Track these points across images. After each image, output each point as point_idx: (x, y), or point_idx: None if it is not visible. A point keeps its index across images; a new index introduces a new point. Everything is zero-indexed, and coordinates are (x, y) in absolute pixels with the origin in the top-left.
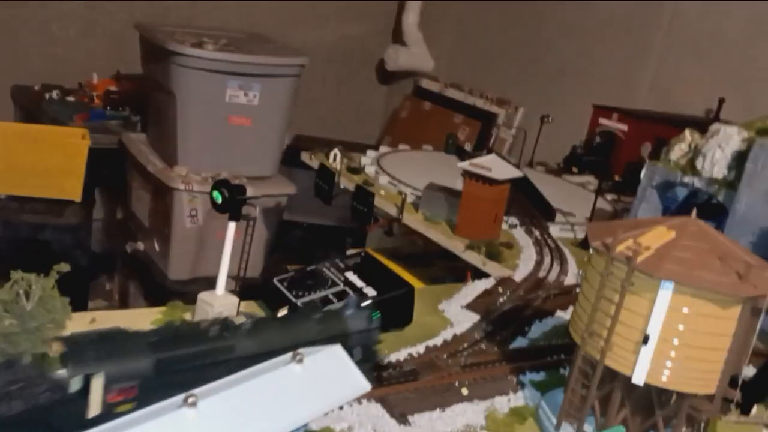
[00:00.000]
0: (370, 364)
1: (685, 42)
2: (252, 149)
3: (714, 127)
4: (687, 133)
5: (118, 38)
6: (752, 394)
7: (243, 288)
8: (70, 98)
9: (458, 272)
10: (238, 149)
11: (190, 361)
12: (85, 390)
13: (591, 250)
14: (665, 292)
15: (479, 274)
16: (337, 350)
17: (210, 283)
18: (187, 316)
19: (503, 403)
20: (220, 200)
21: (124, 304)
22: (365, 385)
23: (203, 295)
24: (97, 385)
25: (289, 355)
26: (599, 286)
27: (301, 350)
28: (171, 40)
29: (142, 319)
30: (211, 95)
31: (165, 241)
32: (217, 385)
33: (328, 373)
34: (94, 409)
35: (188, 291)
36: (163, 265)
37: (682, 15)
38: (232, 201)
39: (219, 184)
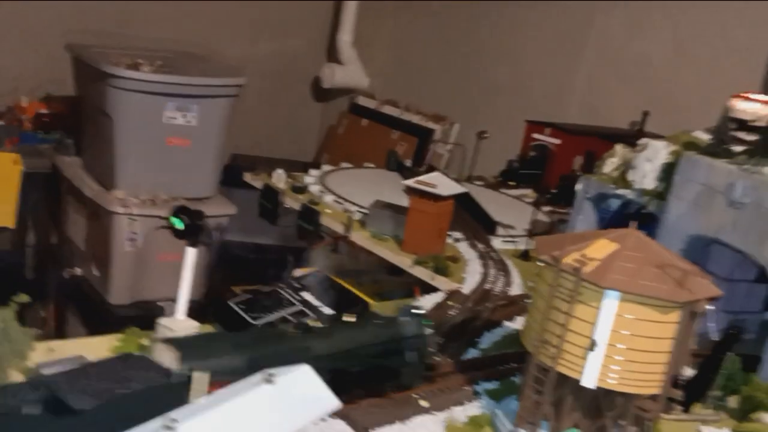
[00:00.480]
0: (421, 366)
1: (611, 61)
2: (191, 170)
3: (643, 141)
4: (618, 147)
5: (46, 59)
6: (693, 393)
7: (192, 311)
8: None
9: (404, 287)
10: (177, 170)
11: (275, 359)
12: (188, 381)
13: (539, 263)
14: (611, 301)
15: (427, 289)
16: (305, 369)
17: (151, 307)
18: (145, 342)
19: (461, 413)
20: (181, 226)
21: (60, 331)
22: (335, 403)
23: (163, 321)
24: (202, 378)
25: (260, 375)
26: (549, 297)
27: (272, 370)
28: (106, 62)
29: (101, 347)
30: (149, 117)
31: (104, 266)
32: (195, 407)
33: (298, 392)
34: (195, 397)
35: (130, 315)
36: (102, 290)
37: (609, 36)
38: (192, 227)
39: (179, 211)
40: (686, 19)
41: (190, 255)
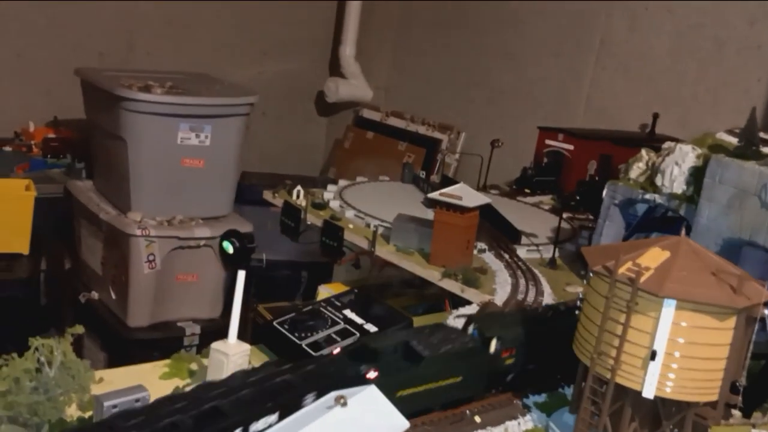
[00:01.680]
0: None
1: (616, 61)
2: (206, 190)
3: (667, 144)
4: (643, 152)
5: (52, 84)
6: (752, 399)
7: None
8: (7, 148)
9: (429, 300)
10: (192, 191)
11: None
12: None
13: (591, 274)
14: (668, 309)
15: (456, 302)
16: (373, 390)
17: (171, 328)
18: (193, 367)
19: (515, 428)
20: (231, 251)
21: (79, 355)
22: (404, 423)
23: (216, 345)
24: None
25: (331, 398)
26: (604, 308)
27: (342, 392)
28: (118, 85)
29: (150, 373)
30: (163, 139)
31: (122, 289)
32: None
33: (369, 414)
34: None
35: (150, 338)
36: (121, 314)
37: (612, 35)
38: (242, 250)
39: (228, 235)
40: (687, 16)
41: (241, 278)
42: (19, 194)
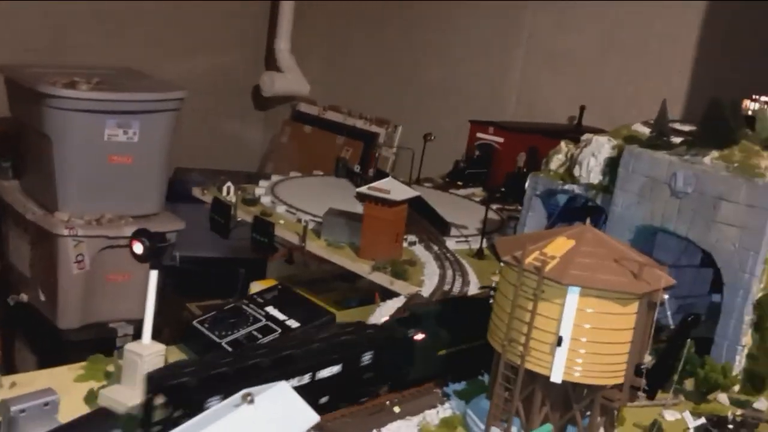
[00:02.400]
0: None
1: (544, 56)
2: (135, 187)
3: (586, 136)
4: (563, 144)
5: None
6: (656, 380)
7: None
8: None
9: (362, 293)
10: (121, 189)
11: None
12: None
13: (502, 264)
14: (572, 296)
15: (386, 294)
16: (283, 386)
17: (103, 329)
18: (110, 368)
19: (433, 416)
20: (140, 251)
21: (8, 358)
22: (314, 417)
23: (130, 346)
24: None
25: (239, 396)
26: (513, 297)
27: (251, 389)
28: (42, 82)
29: (65, 376)
30: (89, 136)
31: (51, 290)
32: None
33: (278, 410)
34: None
35: (80, 339)
36: (51, 315)
37: (539, 32)
38: (153, 250)
39: (138, 234)
40: (611, 11)
41: (153, 278)
42: None
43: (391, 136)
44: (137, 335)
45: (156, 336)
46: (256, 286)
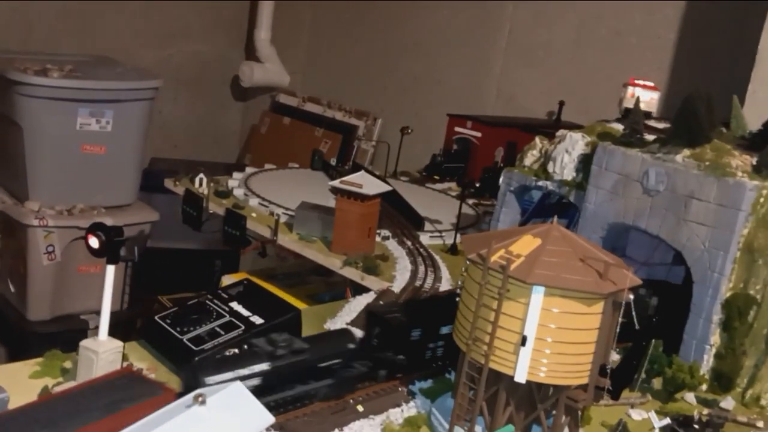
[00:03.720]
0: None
1: (523, 51)
2: (108, 178)
3: (560, 133)
4: (537, 140)
5: None
6: (620, 381)
7: (118, 324)
8: None
9: (336, 287)
10: (94, 179)
11: None
12: None
13: (467, 262)
14: (537, 296)
15: (358, 289)
16: (238, 387)
17: (74, 321)
18: (67, 365)
19: (397, 415)
20: (96, 245)
21: None
22: (269, 418)
23: (86, 343)
24: None
25: (191, 397)
26: (478, 295)
27: (203, 390)
28: (12, 68)
29: (20, 372)
30: (61, 124)
31: (21, 281)
32: None
33: (232, 411)
34: None
35: (51, 331)
36: (20, 307)
37: (518, 26)
38: (109, 244)
39: (94, 228)
40: (589, 7)
41: (110, 273)
42: None
43: (371, 128)
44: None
45: (129, 328)
46: (228, 280)
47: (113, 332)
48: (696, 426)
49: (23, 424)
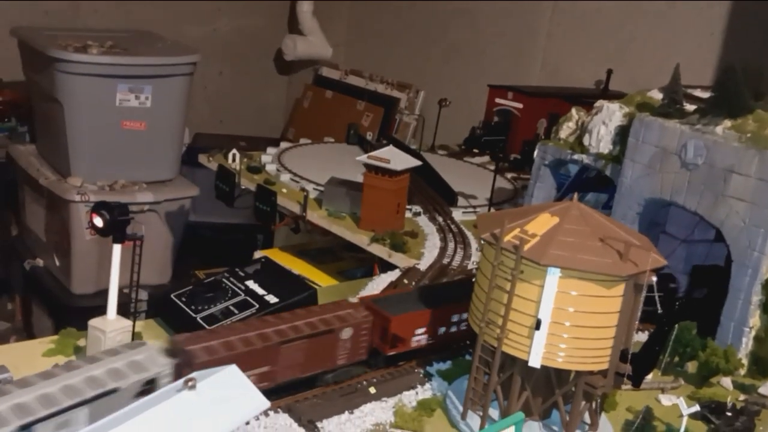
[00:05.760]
0: None
1: (570, 19)
2: (149, 153)
3: (598, 104)
4: (573, 111)
5: None
6: (641, 367)
7: (150, 301)
8: None
9: (368, 263)
10: (134, 154)
11: None
12: None
13: (482, 242)
14: (552, 278)
15: (387, 266)
16: (232, 370)
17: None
18: (81, 343)
19: (411, 398)
20: (100, 224)
21: (27, 323)
22: (264, 402)
23: (94, 322)
24: None
25: (181, 382)
26: (491, 276)
27: (194, 374)
28: (53, 45)
29: (35, 350)
30: (100, 100)
31: (65, 256)
32: (105, 422)
33: (224, 394)
34: None
35: (95, 305)
36: (65, 281)
37: None
38: (113, 223)
39: (98, 207)
40: None
41: (116, 251)
42: None
43: (413, 101)
44: (152, 301)
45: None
46: (258, 255)
47: (156, 307)
48: (729, 413)
49: None
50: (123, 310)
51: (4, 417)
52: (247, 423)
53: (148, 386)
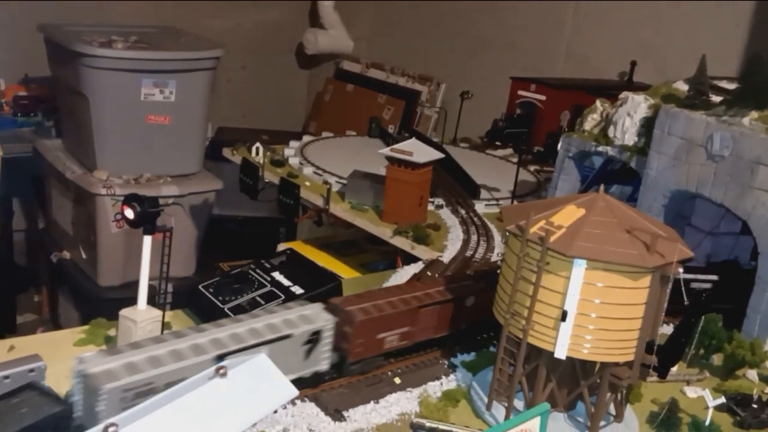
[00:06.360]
0: None
1: (595, 11)
2: (173, 147)
3: (623, 95)
4: (598, 103)
5: (23, 41)
6: (667, 358)
7: (175, 293)
8: None
9: (391, 256)
10: (159, 148)
11: None
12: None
13: (507, 233)
14: (578, 269)
15: (410, 258)
16: (262, 359)
17: None
18: (112, 333)
19: (436, 388)
20: (132, 216)
21: (54, 315)
22: (292, 391)
23: (125, 312)
24: None
25: (212, 369)
26: (517, 268)
27: (226, 362)
28: (78, 41)
29: (66, 340)
30: (125, 95)
31: (91, 249)
32: (138, 410)
33: (253, 383)
34: None
35: (121, 297)
36: (91, 273)
37: None
38: (144, 215)
39: (129, 199)
40: None
41: (147, 242)
42: None
43: (434, 94)
44: (177, 293)
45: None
46: (282, 248)
47: (182, 298)
48: (754, 405)
49: None
50: (150, 302)
51: (204, 348)
52: (275, 411)
53: (314, 336)
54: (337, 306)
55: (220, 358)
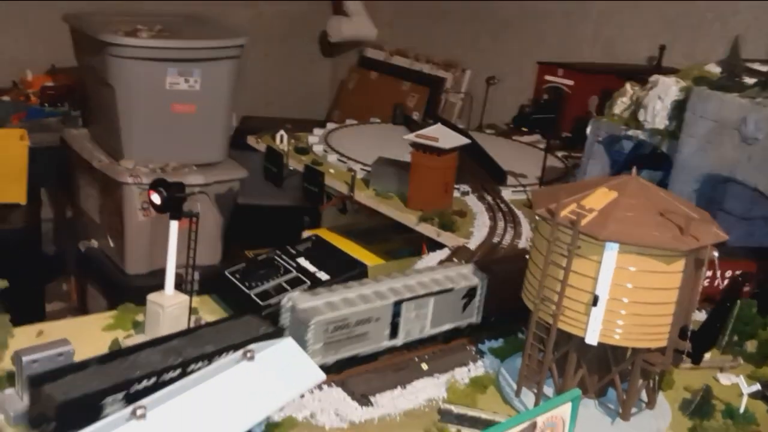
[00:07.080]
0: None
1: None
2: (198, 136)
3: (653, 78)
4: (627, 86)
5: (49, 31)
6: (701, 344)
7: (201, 281)
8: (5, 98)
9: (416, 243)
10: (185, 137)
11: None
12: None
13: (537, 217)
14: (610, 253)
15: (435, 245)
16: (289, 343)
17: None
18: (140, 318)
19: (464, 374)
20: (158, 201)
21: (82, 303)
22: (320, 375)
23: (153, 296)
24: None
25: (240, 353)
26: (546, 252)
27: (252, 346)
28: (103, 30)
29: (94, 325)
30: (151, 84)
31: (119, 237)
32: (166, 392)
33: (280, 367)
34: None
35: (148, 285)
36: (119, 261)
37: None
38: (171, 200)
39: (156, 184)
40: None
41: (173, 227)
42: (14, 144)
43: (459, 80)
44: (203, 281)
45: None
46: (306, 235)
47: (209, 285)
48: None
49: None
50: (177, 288)
51: (385, 294)
52: (302, 396)
53: (471, 292)
54: (487, 266)
55: (398, 303)
